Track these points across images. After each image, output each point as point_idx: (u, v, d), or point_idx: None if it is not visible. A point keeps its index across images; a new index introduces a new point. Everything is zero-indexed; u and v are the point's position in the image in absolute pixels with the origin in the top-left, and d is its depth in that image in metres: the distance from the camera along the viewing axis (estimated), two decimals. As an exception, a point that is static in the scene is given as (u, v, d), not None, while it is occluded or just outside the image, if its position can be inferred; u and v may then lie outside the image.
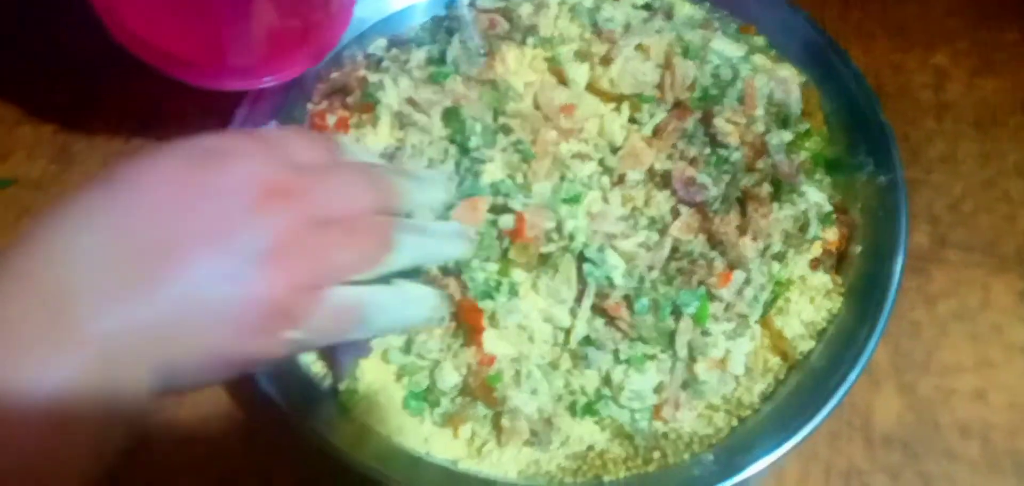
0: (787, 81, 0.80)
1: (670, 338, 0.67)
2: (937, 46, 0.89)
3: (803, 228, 0.71)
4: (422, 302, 0.60)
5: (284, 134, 0.58)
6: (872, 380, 0.70)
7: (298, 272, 0.49)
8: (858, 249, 0.72)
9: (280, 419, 0.65)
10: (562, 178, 0.75)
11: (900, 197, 0.71)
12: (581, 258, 0.70)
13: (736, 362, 0.68)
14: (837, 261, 0.73)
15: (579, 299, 0.69)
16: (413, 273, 0.59)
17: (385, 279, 0.55)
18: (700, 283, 0.68)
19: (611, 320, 0.68)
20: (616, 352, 0.67)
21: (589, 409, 0.67)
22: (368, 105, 0.78)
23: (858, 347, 0.66)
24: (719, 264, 0.69)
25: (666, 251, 0.71)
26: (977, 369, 0.70)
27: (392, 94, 0.79)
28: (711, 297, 0.68)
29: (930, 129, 0.83)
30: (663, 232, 0.72)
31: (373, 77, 0.79)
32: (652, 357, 0.67)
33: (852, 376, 0.64)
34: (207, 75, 0.76)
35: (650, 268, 0.70)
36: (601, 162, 0.77)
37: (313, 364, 0.70)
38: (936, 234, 0.77)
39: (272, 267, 0.48)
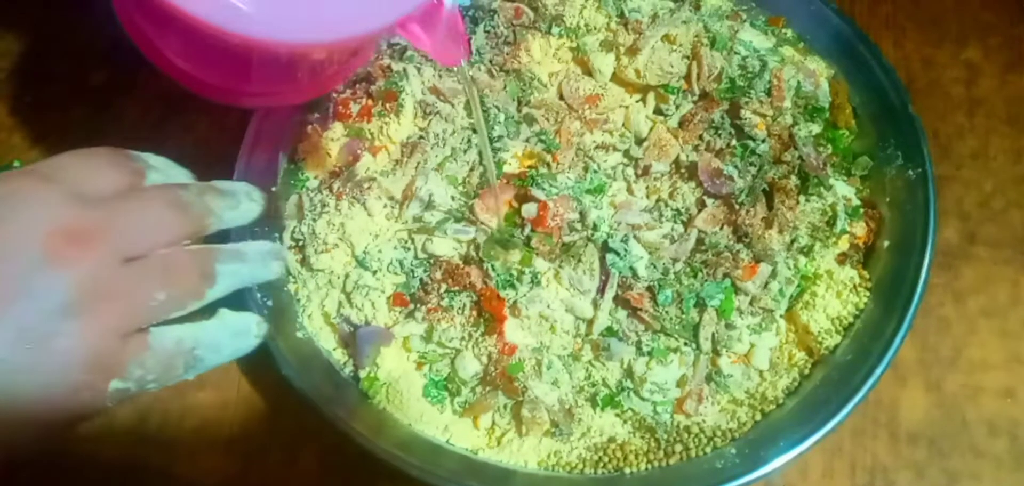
0: (815, 74, 0.79)
1: (694, 331, 0.66)
2: (969, 41, 0.87)
3: (830, 222, 0.70)
4: (249, 331, 0.58)
5: (73, 162, 0.52)
6: (898, 376, 0.69)
7: (112, 318, 0.46)
8: (886, 244, 0.71)
9: (301, 404, 0.65)
10: (586, 169, 0.74)
11: (929, 191, 0.70)
12: (604, 248, 0.69)
13: (761, 356, 0.67)
14: (864, 256, 0.72)
15: (602, 290, 0.68)
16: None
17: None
18: (725, 276, 0.68)
19: (634, 311, 0.67)
20: (639, 344, 0.67)
21: (611, 401, 0.66)
22: (392, 93, 0.78)
23: (884, 343, 0.65)
24: (745, 257, 0.68)
25: (691, 243, 0.70)
26: (1006, 366, 0.69)
27: (416, 83, 0.79)
28: (736, 290, 0.68)
29: (961, 125, 0.82)
30: (688, 224, 0.72)
31: (397, 66, 0.79)
32: (675, 350, 0.67)
33: (878, 372, 0.64)
34: (231, 97, 0.74)
35: (674, 260, 0.70)
36: (626, 153, 0.76)
37: (334, 351, 0.70)
38: (965, 230, 0.76)
39: (80, 318, 0.44)
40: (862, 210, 0.73)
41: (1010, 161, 0.79)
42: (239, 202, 0.59)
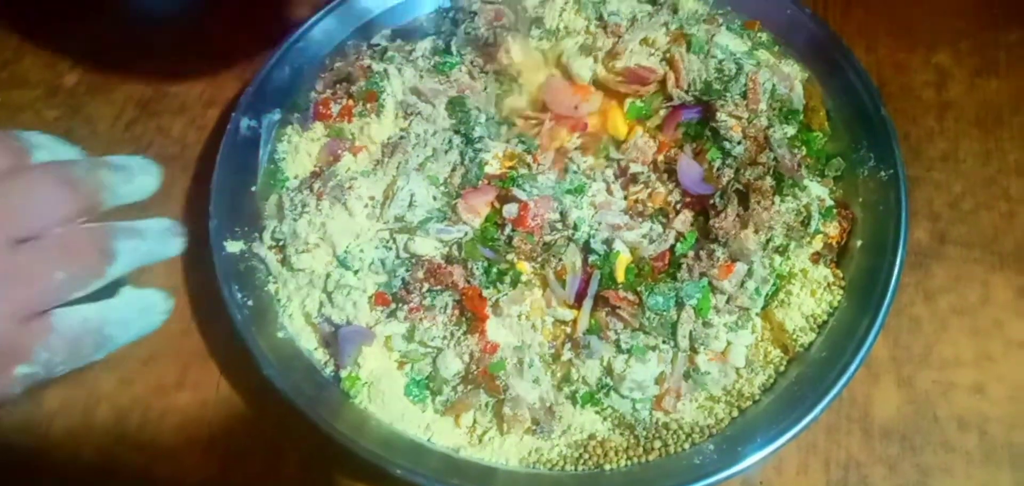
0: (790, 77, 0.80)
1: (672, 329, 0.67)
2: (939, 46, 0.89)
3: (805, 222, 0.71)
4: (156, 307, 0.56)
5: None
6: (871, 373, 0.70)
7: (8, 302, 0.44)
8: (859, 243, 0.72)
9: (282, 404, 0.65)
10: (566, 170, 0.75)
11: (901, 193, 0.72)
12: (586, 248, 0.70)
13: (737, 354, 0.68)
14: (838, 255, 0.73)
15: (583, 289, 0.69)
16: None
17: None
18: (702, 275, 0.69)
19: (613, 309, 0.68)
20: (618, 342, 0.67)
21: (591, 398, 0.67)
22: (372, 94, 0.78)
23: (858, 340, 0.66)
24: (721, 256, 0.69)
25: (669, 243, 0.71)
26: (976, 363, 0.71)
27: (396, 83, 0.79)
28: (713, 289, 0.68)
29: (931, 128, 0.84)
30: (666, 224, 0.72)
31: (377, 66, 0.80)
32: (653, 347, 0.67)
33: (852, 369, 0.65)
34: None
35: (653, 259, 0.70)
36: (605, 154, 0.77)
37: (315, 350, 0.70)
38: (936, 230, 0.77)
39: None
40: (835, 210, 0.74)
41: (979, 163, 0.81)
42: (133, 176, 0.56)
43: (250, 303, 0.69)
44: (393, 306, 0.69)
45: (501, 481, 0.65)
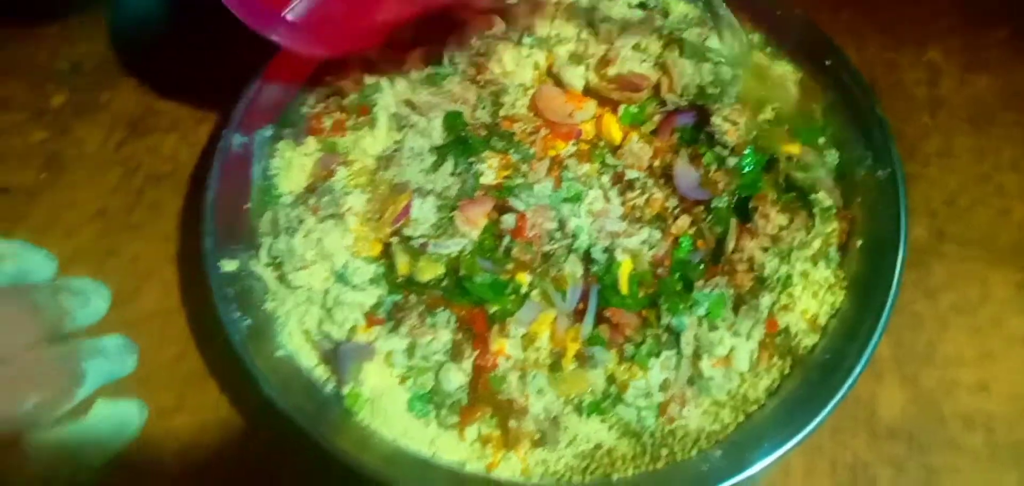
0: (784, 78, 0.80)
1: (676, 336, 0.67)
2: (929, 43, 0.89)
3: (805, 223, 0.71)
4: (131, 422, 0.58)
5: None
6: (875, 373, 0.70)
7: None
8: (859, 243, 0.72)
9: (282, 423, 0.64)
10: (562, 178, 0.74)
11: (900, 191, 0.72)
12: (586, 258, 0.69)
13: (741, 358, 0.68)
14: (839, 255, 0.73)
15: (584, 298, 0.68)
16: None
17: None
18: (704, 280, 0.68)
19: (616, 327, 0.68)
20: (621, 350, 0.67)
21: (596, 408, 0.66)
22: (365, 107, 0.78)
23: (861, 341, 0.66)
24: (723, 260, 0.69)
25: (668, 248, 0.71)
26: (979, 361, 0.71)
27: (389, 96, 0.79)
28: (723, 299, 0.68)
29: (925, 125, 0.84)
30: (665, 230, 0.72)
31: (369, 79, 0.79)
32: (657, 354, 0.67)
33: (857, 370, 0.64)
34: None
35: (653, 265, 0.70)
36: (601, 161, 0.77)
37: (315, 368, 0.69)
38: (934, 228, 0.78)
39: None
40: (835, 210, 0.74)
41: (973, 159, 0.81)
42: (89, 300, 0.59)
43: (248, 322, 0.68)
44: (388, 324, 0.69)
45: (508, 495, 0.64)
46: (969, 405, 0.69)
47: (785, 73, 0.81)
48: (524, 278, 0.70)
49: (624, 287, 0.69)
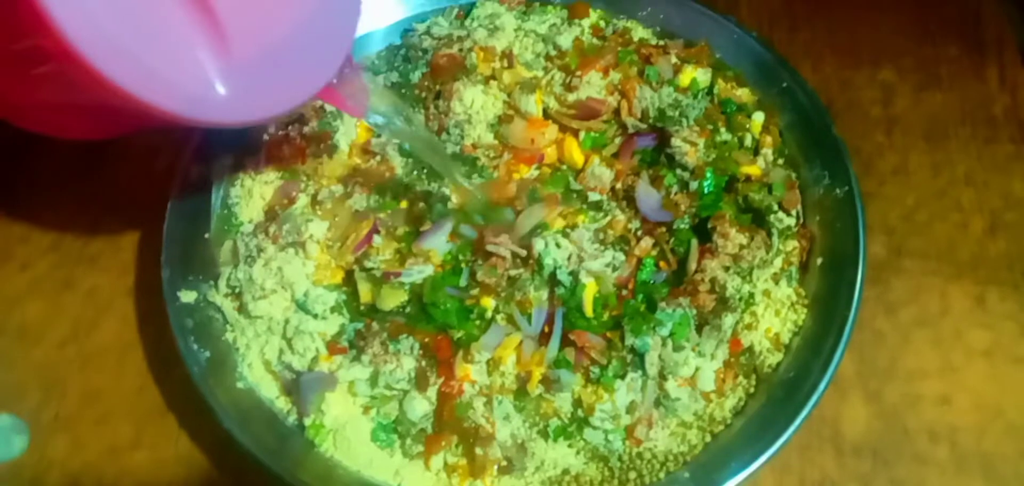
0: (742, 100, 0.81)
1: (641, 357, 0.67)
2: (883, 63, 0.91)
3: (765, 242, 0.72)
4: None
5: None
6: (839, 390, 0.71)
7: None
8: (819, 261, 0.72)
9: (243, 458, 0.63)
10: (526, 202, 0.74)
11: (858, 208, 0.72)
12: (552, 281, 0.69)
13: (706, 378, 0.68)
14: (799, 274, 0.73)
15: (550, 321, 0.68)
16: None
17: None
18: (666, 301, 0.68)
19: (582, 350, 0.67)
20: (587, 372, 0.66)
21: (563, 432, 0.66)
22: (325, 134, 0.77)
23: (824, 358, 0.66)
24: (685, 281, 0.69)
25: (632, 270, 0.71)
26: (941, 374, 0.71)
27: (349, 123, 0.78)
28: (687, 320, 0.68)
29: (881, 143, 0.85)
30: (628, 252, 0.72)
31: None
32: (622, 376, 0.66)
33: (821, 387, 0.64)
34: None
35: (618, 287, 0.70)
36: (565, 185, 0.76)
37: (277, 400, 0.68)
38: (892, 244, 0.78)
39: None
40: (794, 229, 0.74)
41: (929, 175, 0.83)
42: (11, 439, 0.63)
43: (207, 354, 0.67)
44: (351, 352, 0.68)
45: (476, 523, 0.63)
46: (933, 418, 0.69)
47: (742, 94, 0.82)
48: (489, 302, 0.69)
49: (589, 309, 0.69)
